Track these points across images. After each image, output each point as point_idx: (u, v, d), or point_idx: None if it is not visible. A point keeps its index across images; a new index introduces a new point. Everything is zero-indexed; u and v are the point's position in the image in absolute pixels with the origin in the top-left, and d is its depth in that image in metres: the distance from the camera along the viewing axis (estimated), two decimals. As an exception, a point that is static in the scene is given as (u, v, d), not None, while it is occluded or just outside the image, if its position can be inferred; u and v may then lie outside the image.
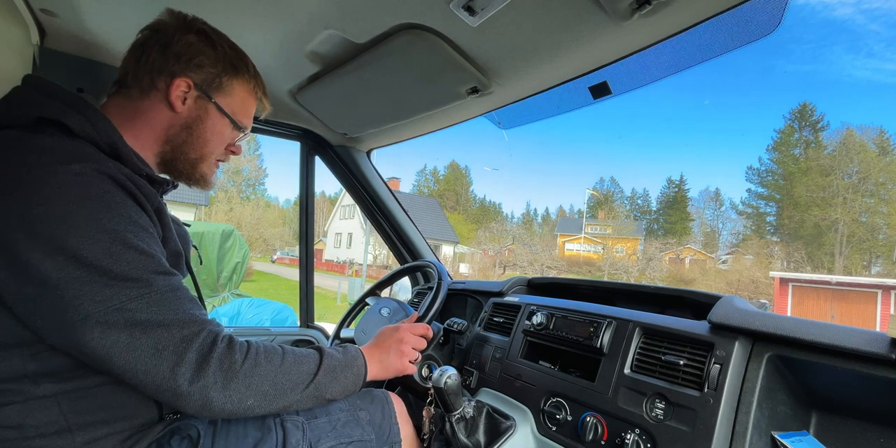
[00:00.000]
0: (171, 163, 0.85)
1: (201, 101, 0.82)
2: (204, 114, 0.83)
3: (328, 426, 0.91)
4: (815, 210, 31.12)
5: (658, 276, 25.55)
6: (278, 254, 32.64)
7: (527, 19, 0.91)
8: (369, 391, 1.08)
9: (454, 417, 1.07)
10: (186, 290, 0.69)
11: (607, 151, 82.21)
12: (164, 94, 0.79)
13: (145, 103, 0.80)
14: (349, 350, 0.87)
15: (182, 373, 0.62)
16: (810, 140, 35.92)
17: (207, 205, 23.53)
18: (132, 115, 0.80)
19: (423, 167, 61.75)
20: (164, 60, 0.79)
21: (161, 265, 0.66)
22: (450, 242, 31.53)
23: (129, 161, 0.74)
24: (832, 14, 60.22)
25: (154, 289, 0.63)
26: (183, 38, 0.79)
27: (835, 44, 59.65)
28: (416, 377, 1.32)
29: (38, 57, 1.16)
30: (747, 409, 0.82)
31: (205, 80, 0.81)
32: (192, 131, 0.83)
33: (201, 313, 0.68)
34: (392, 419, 1.03)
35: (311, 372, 0.77)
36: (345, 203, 32.87)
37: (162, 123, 0.81)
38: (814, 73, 60.44)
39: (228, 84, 0.84)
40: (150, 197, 0.71)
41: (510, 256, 29.76)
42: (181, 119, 0.82)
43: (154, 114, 0.80)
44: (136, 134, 0.79)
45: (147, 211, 0.70)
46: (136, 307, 0.61)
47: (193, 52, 0.80)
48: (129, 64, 0.81)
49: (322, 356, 0.81)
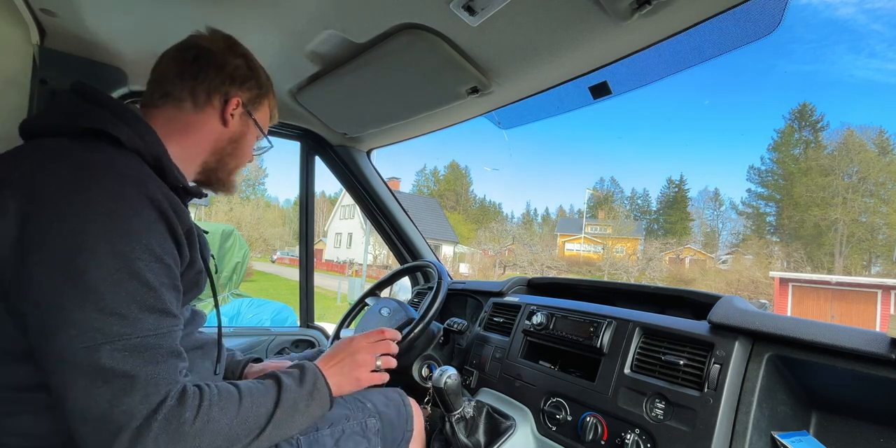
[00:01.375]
0: (213, 172, 0.91)
1: (244, 117, 0.90)
2: (246, 129, 0.91)
3: (329, 440, 0.87)
4: (815, 210, 31.10)
5: (658, 276, 25.54)
6: (278, 254, 32.64)
7: (527, 19, 0.91)
8: (382, 392, 1.04)
9: (454, 417, 1.07)
10: (170, 336, 0.63)
11: (607, 151, 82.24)
12: (219, 111, 0.86)
13: (199, 117, 0.84)
14: (307, 374, 0.80)
15: (119, 442, 0.56)
16: (810, 140, 35.93)
17: (207, 205, 23.51)
18: (183, 128, 0.83)
19: (423, 167, 61.74)
20: (221, 81, 0.85)
21: (160, 302, 0.63)
22: (450, 242, 31.53)
23: (170, 174, 0.75)
24: (834, 14, 60.21)
25: (137, 331, 0.59)
26: (233, 62, 0.86)
27: (836, 44, 59.66)
28: (416, 377, 1.32)
29: (38, 57, 1.15)
30: (747, 409, 0.82)
31: (249, 99, 0.90)
32: (237, 144, 0.90)
33: (174, 367, 0.62)
34: (407, 425, 1.01)
35: (268, 413, 0.70)
36: (345, 203, 32.85)
37: (212, 137, 0.86)
38: (815, 73, 60.42)
39: (262, 102, 0.93)
40: (183, 217, 0.70)
41: (510, 256, 29.77)
42: (229, 133, 0.88)
43: (207, 128, 0.85)
44: (184, 145, 0.83)
45: (177, 234, 0.68)
46: (108, 351, 0.57)
47: (245, 75, 0.88)
48: (180, 78, 0.83)
49: (280, 391, 0.73)
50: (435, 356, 1.36)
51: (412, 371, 1.32)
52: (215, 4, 1.01)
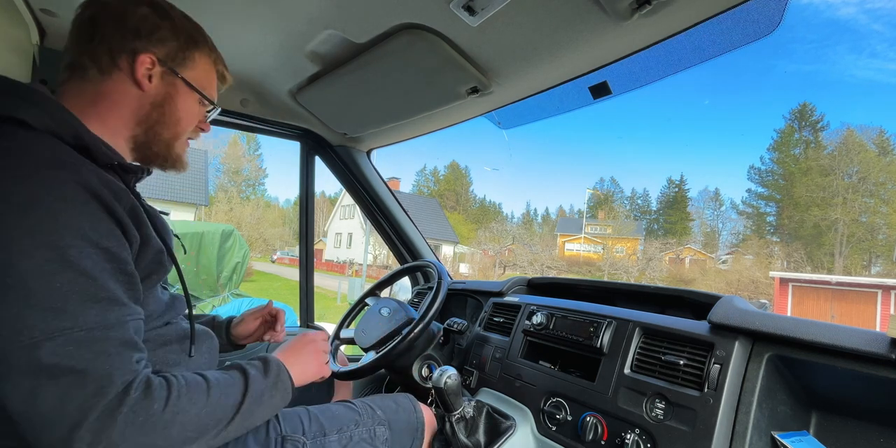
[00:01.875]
0: (146, 146, 0.79)
1: (168, 77, 0.77)
2: (173, 90, 0.78)
3: (337, 445, 0.87)
4: (815, 210, 31.06)
5: (658, 276, 25.52)
6: (278, 254, 32.62)
7: (527, 19, 0.91)
8: (393, 398, 1.05)
9: (454, 417, 1.07)
10: (121, 327, 0.60)
11: (607, 151, 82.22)
12: (129, 73, 0.73)
13: (108, 85, 0.73)
14: (271, 365, 0.78)
15: (80, 438, 0.53)
16: (810, 140, 35.92)
17: (207, 205, 23.51)
18: (94, 100, 0.73)
19: (423, 167, 61.69)
20: (122, 37, 0.73)
21: (103, 290, 0.58)
22: (450, 242, 31.53)
23: (97, 151, 0.68)
24: (836, 13, 60.02)
25: (78, 324, 0.55)
26: (136, 11, 0.74)
27: (838, 44, 59.56)
28: (416, 377, 1.32)
29: (37, 57, 1.16)
30: (747, 409, 0.82)
31: (168, 54, 0.76)
32: (164, 110, 0.78)
33: (129, 358, 0.59)
34: (417, 432, 1.01)
35: (236, 404, 0.69)
36: (345, 203, 32.83)
37: (130, 105, 0.75)
38: (816, 73, 60.31)
39: (191, 57, 0.79)
40: (121, 195, 0.65)
41: (510, 256, 29.77)
42: (150, 98, 0.76)
43: (120, 95, 0.74)
44: (102, 119, 0.73)
45: (116, 214, 0.63)
46: (50, 348, 0.53)
47: (151, 25, 0.74)
48: (79, 44, 0.74)
49: (247, 382, 0.71)
50: (435, 356, 1.36)
51: (412, 371, 1.32)
52: (215, 4, 1.01)
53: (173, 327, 0.80)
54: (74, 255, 0.56)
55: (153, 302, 0.75)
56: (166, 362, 0.77)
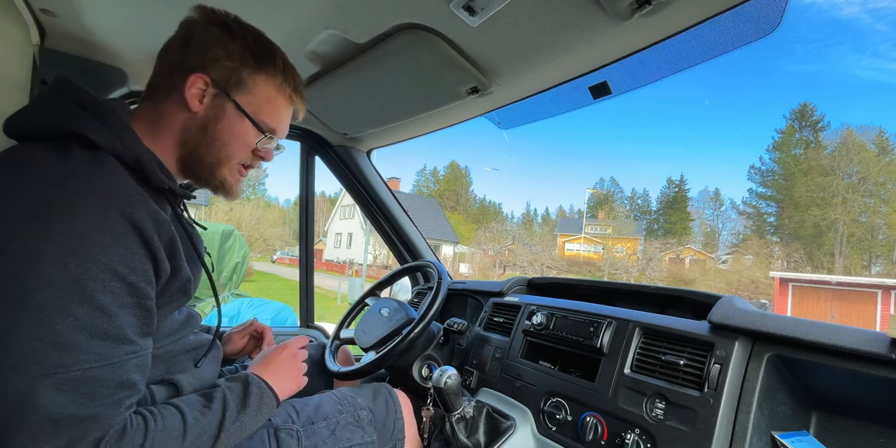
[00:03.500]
0: (190, 168, 0.78)
1: (219, 99, 0.74)
2: (221, 113, 0.75)
3: (326, 431, 0.90)
4: (815, 210, 31.01)
5: (658, 276, 25.49)
6: (278, 254, 32.62)
7: (527, 19, 0.91)
8: (371, 386, 1.08)
9: (454, 417, 1.07)
10: (121, 366, 0.58)
11: (607, 151, 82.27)
12: (181, 92, 0.72)
13: (166, 106, 0.74)
14: (252, 388, 0.77)
15: None
16: (810, 140, 35.87)
17: (207, 205, 23.52)
18: (154, 120, 0.74)
19: (423, 167, 61.57)
20: (184, 57, 0.73)
21: (115, 328, 0.57)
22: (450, 242, 31.51)
23: (153, 175, 0.68)
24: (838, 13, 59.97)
25: (80, 361, 0.54)
26: (207, 31, 0.73)
27: (840, 43, 59.51)
28: (416, 377, 1.32)
29: (38, 57, 1.15)
30: (747, 409, 0.82)
31: (222, 76, 0.73)
32: (207, 132, 0.75)
33: (119, 402, 0.57)
34: (397, 414, 1.03)
35: (212, 437, 0.68)
36: (345, 203, 32.82)
37: (180, 125, 0.74)
38: (818, 72, 60.25)
39: (250, 80, 0.75)
40: (163, 227, 0.64)
41: (510, 256, 29.76)
42: (198, 120, 0.74)
43: (173, 116, 0.74)
44: (157, 139, 0.73)
45: (152, 247, 0.62)
46: (44, 386, 0.51)
47: (212, 45, 0.72)
48: (157, 63, 0.76)
49: (224, 416, 0.70)
50: (435, 356, 1.36)
51: (412, 371, 1.32)
52: (214, 5, 1.01)
53: (182, 343, 0.80)
54: (96, 290, 0.56)
55: (167, 324, 0.76)
56: (172, 371, 0.78)
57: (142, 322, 0.62)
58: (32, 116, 0.66)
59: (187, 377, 0.78)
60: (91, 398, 0.54)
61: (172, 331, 0.78)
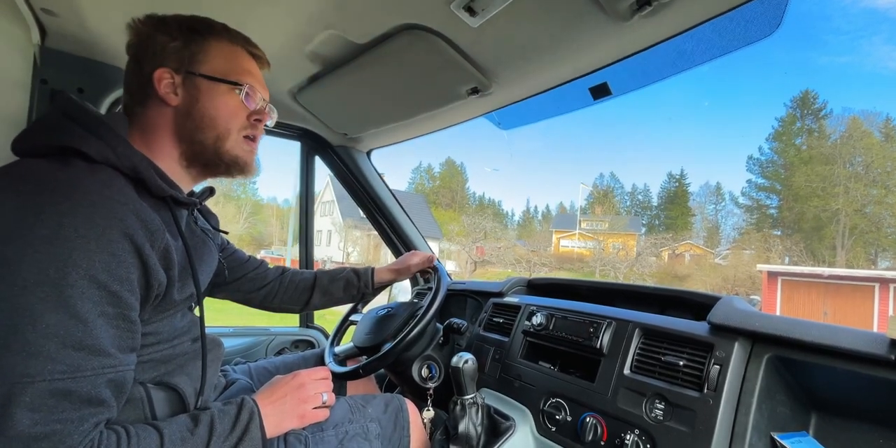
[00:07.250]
0: (197, 158, 0.78)
1: (188, 81, 0.75)
2: (195, 92, 0.75)
3: (334, 440, 0.89)
4: (816, 200, 29.54)
5: (648, 272, 24.96)
6: (262, 252, 32.53)
7: (527, 20, 0.91)
8: (383, 397, 1.07)
9: (467, 401, 1.08)
10: (93, 380, 0.55)
11: (608, 147, 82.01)
12: (155, 93, 0.74)
13: (150, 110, 0.76)
14: (242, 417, 0.73)
15: None
16: (812, 128, 34.94)
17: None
18: (144, 127, 0.75)
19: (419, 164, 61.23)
20: (139, 63, 0.75)
21: (91, 337, 0.55)
22: (433, 239, 31.24)
23: (152, 184, 0.69)
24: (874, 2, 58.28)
25: (44, 373, 0.51)
26: (143, 33, 0.75)
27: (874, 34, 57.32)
28: (415, 377, 1.32)
29: (38, 57, 1.15)
30: (747, 410, 0.82)
31: (177, 58, 0.74)
32: (194, 115, 0.75)
33: (79, 421, 0.54)
34: (405, 430, 1.03)
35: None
36: (324, 200, 32.32)
37: (169, 123, 0.75)
38: (848, 65, 58.07)
39: (201, 50, 0.76)
40: (156, 236, 0.64)
41: (479, 253, 29.07)
42: (181, 110, 0.75)
43: (159, 117, 0.75)
44: (153, 144, 0.75)
45: (143, 255, 0.61)
46: (11, 397, 0.49)
47: (150, 40, 0.74)
48: (125, 82, 0.79)
49: (210, 438, 0.67)
50: (435, 356, 1.36)
51: (412, 371, 1.32)
52: (214, 5, 1.00)
53: (182, 347, 0.79)
54: (73, 296, 0.54)
55: (167, 330, 0.75)
56: (172, 373, 0.77)
57: (123, 334, 0.60)
58: (33, 134, 0.68)
59: (186, 380, 0.77)
60: (51, 412, 0.51)
61: (173, 335, 0.77)
